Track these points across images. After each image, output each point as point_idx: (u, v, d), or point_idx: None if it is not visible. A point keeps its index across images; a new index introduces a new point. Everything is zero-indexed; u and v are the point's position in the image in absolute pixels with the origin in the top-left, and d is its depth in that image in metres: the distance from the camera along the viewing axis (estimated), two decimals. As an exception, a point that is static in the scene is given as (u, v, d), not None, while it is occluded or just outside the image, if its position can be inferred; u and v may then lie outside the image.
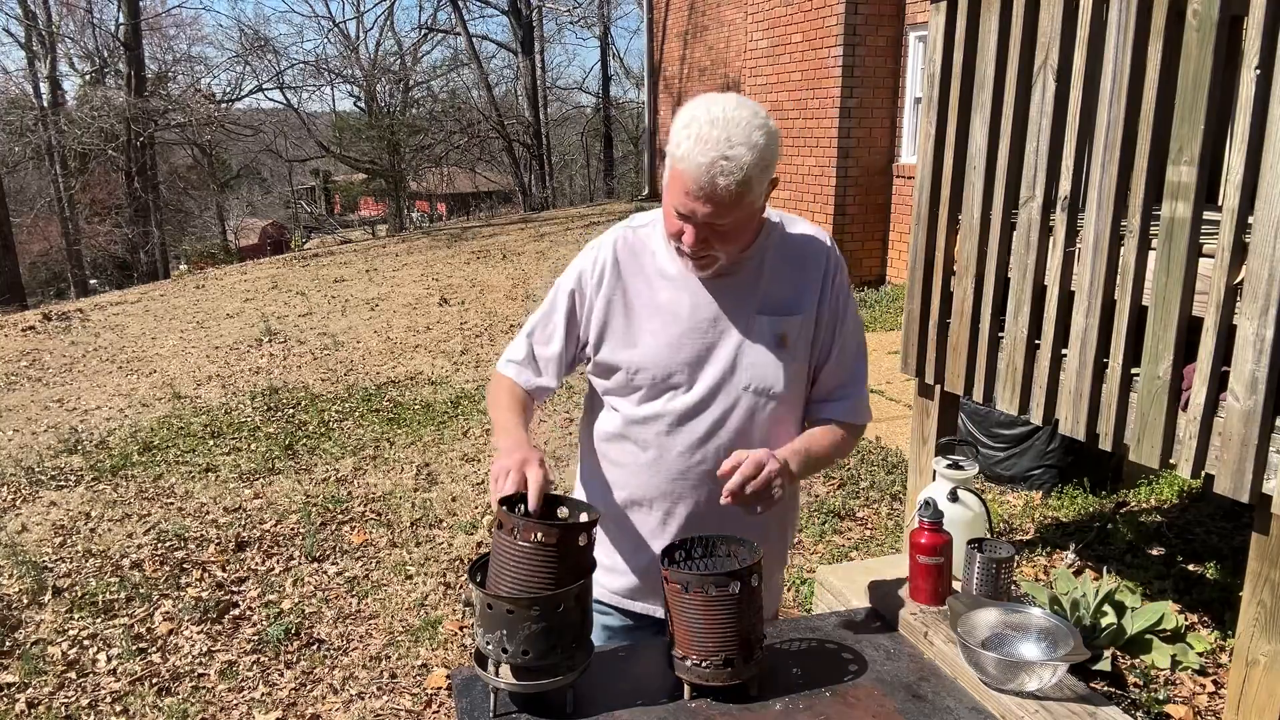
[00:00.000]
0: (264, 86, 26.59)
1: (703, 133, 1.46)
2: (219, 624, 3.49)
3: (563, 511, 1.56)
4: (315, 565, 3.93)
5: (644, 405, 1.68)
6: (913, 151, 8.67)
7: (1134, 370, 2.45)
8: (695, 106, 1.51)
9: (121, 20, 22.86)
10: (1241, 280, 2.13)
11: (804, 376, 1.71)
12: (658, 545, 1.71)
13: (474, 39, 24.62)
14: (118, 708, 3.01)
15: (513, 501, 1.48)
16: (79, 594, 3.67)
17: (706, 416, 1.66)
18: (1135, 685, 2.67)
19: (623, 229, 1.73)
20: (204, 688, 3.11)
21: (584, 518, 1.51)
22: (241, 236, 29.61)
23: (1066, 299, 2.64)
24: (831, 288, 1.69)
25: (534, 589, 1.41)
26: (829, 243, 1.72)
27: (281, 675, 3.18)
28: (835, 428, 1.72)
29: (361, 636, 3.39)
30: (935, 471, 2.23)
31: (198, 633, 3.42)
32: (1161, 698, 2.63)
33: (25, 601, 3.63)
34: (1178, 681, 2.75)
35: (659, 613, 1.78)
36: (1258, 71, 2.05)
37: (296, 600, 3.65)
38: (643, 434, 1.69)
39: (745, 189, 1.48)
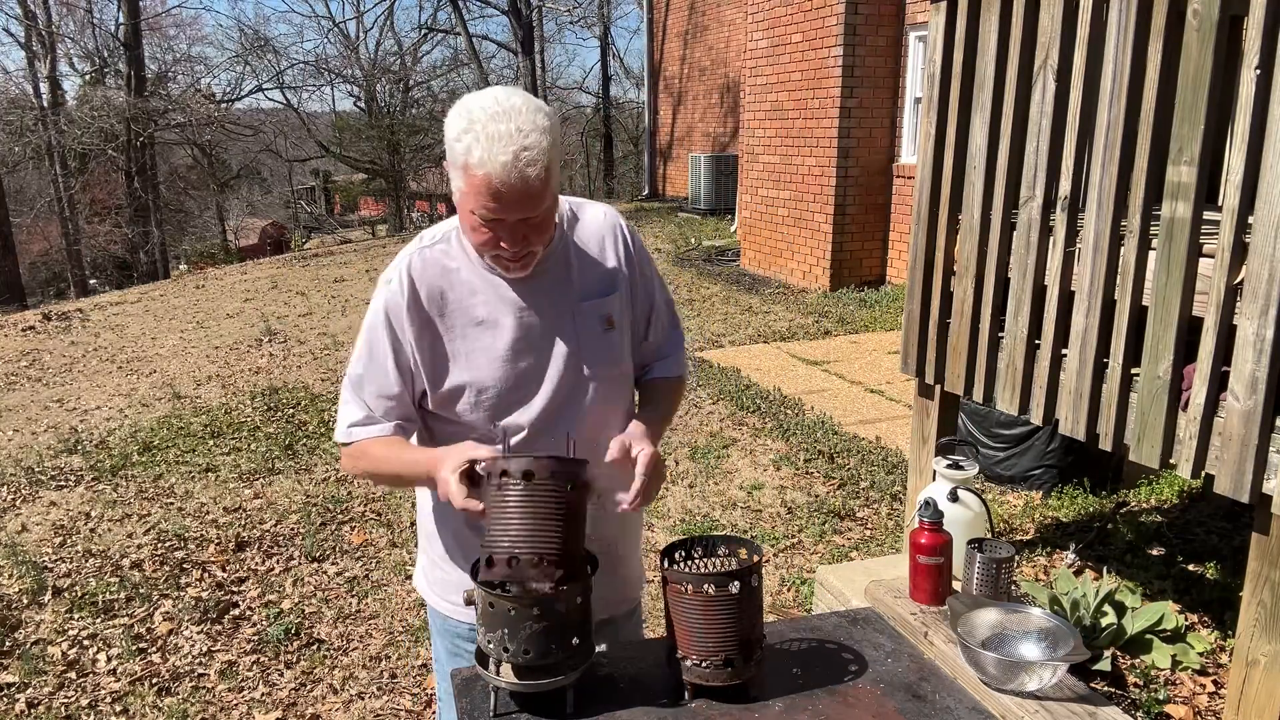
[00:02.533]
0: (264, 86, 26.63)
1: (490, 130, 1.40)
2: (219, 624, 3.49)
3: None
4: (315, 565, 3.93)
5: (497, 426, 1.60)
6: (913, 151, 8.67)
7: (1134, 370, 2.45)
8: (466, 109, 1.44)
9: (121, 20, 22.89)
10: (1241, 280, 2.13)
11: (630, 348, 1.71)
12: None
13: (474, 39, 24.64)
14: (118, 708, 3.01)
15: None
16: (79, 594, 3.67)
17: (564, 417, 1.61)
18: (1135, 685, 2.67)
19: (413, 252, 1.62)
20: (204, 688, 3.11)
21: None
22: (241, 236, 29.60)
23: (1066, 299, 2.64)
24: (632, 257, 1.70)
25: (557, 531, 1.37)
26: (615, 214, 1.72)
27: (281, 675, 3.18)
28: (671, 383, 1.78)
29: (361, 636, 3.39)
30: (935, 471, 2.23)
31: (198, 633, 3.42)
32: (1161, 698, 2.63)
33: (25, 601, 3.63)
34: (1178, 681, 2.75)
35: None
36: (1258, 71, 2.05)
37: (296, 600, 3.65)
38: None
39: (549, 174, 1.44)
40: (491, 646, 1.43)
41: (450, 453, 1.48)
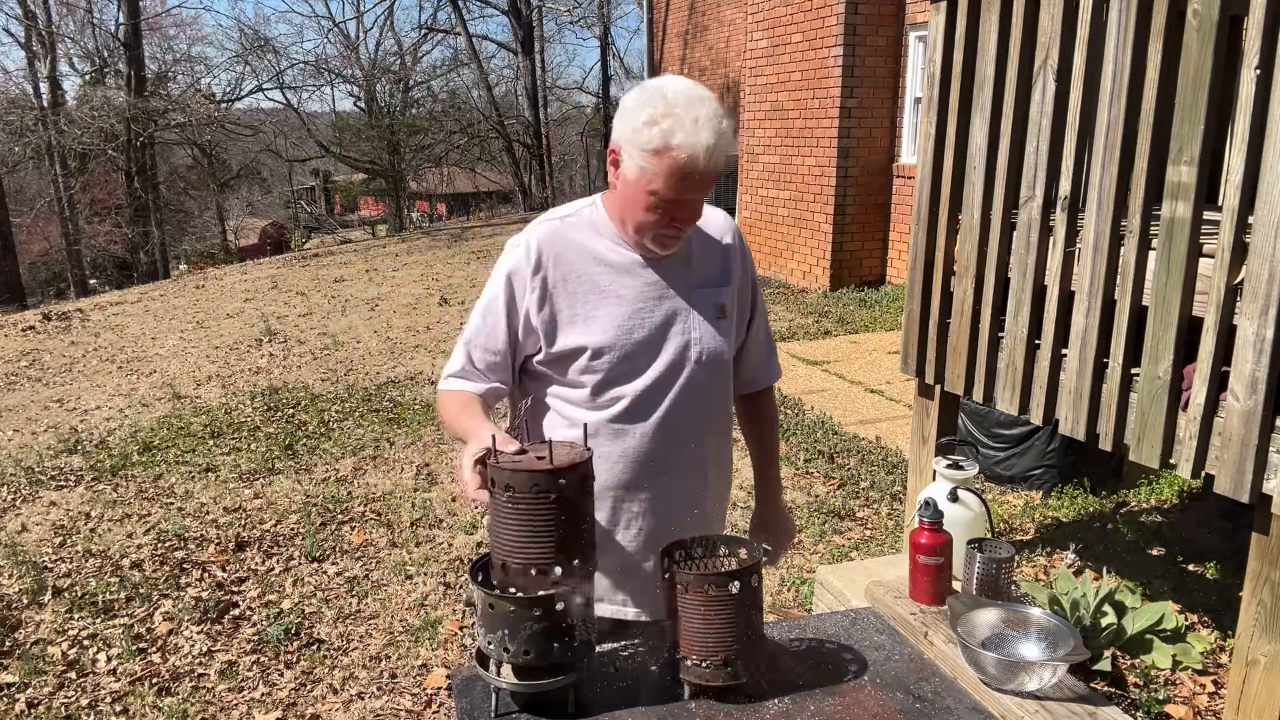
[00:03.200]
0: (264, 86, 26.62)
1: (693, 114, 1.49)
2: (219, 624, 3.49)
3: None
4: (315, 565, 3.93)
5: (601, 394, 1.66)
6: (913, 151, 8.67)
7: (1134, 370, 2.45)
8: (661, 94, 1.52)
9: (121, 20, 22.87)
10: (1241, 280, 2.13)
11: (734, 343, 1.80)
12: (627, 538, 1.71)
13: (474, 39, 24.63)
14: (118, 708, 3.01)
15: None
16: (79, 594, 3.67)
17: (666, 396, 1.67)
18: (1135, 685, 2.67)
19: (546, 222, 1.71)
20: (204, 688, 3.11)
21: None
22: (241, 236, 29.60)
23: (1066, 299, 2.64)
24: (744, 256, 1.80)
25: (544, 542, 1.38)
26: (732, 219, 1.83)
27: (281, 675, 3.17)
28: (768, 399, 1.93)
29: (361, 636, 3.39)
30: (935, 471, 2.23)
31: (198, 633, 3.42)
32: (1161, 698, 2.63)
33: (25, 601, 3.63)
34: (1178, 681, 2.75)
35: (629, 614, 1.76)
36: (1258, 71, 2.05)
37: (296, 600, 3.65)
38: (602, 426, 1.67)
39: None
40: (492, 647, 1.43)
41: (473, 438, 1.50)
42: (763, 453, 1.94)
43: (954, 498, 2.15)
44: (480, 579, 1.47)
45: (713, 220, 1.78)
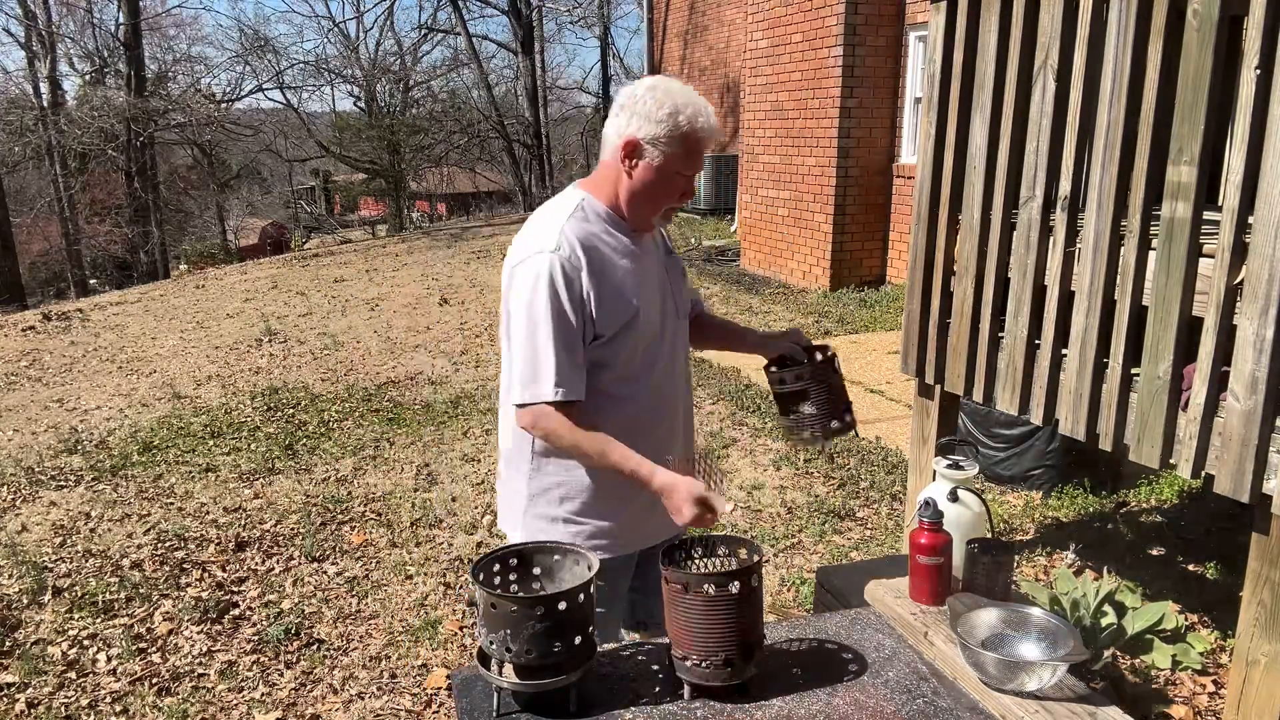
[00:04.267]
0: (264, 86, 26.61)
1: (699, 103, 1.80)
2: (219, 624, 3.49)
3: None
4: (315, 565, 3.93)
5: (640, 360, 1.90)
6: (913, 151, 8.67)
7: (1134, 370, 2.45)
8: (669, 93, 1.80)
9: (121, 20, 22.87)
10: (1241, 280, 2.14)
11: None
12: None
13: (474, 39, 24.62)
14: (118, 708, 3.01)
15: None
16: (79, 594, 3.67)
17: (678, 350, 2.02)
18: (1135, 685, 2.67)
19: (562, 222, 1.84)
20: (204, 688, 3.11)
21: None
22: (241, 236, 29.59)
23: (1066, 299, 2.64)
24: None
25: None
26: None
27: (281, 675, 3.18)
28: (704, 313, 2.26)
29: (361, 636, 3.39)
30: (935, 471, 2.23)
31: (198, 633, 3.42)
32: (1161, 698, 2.63)
33: (25, 601, 3.63)
34: (1178, 681, 2.75)
35: (634, 547, 1.99)
36: (1258, 71, 2.05)
37: (296, 600, 3.65)
38: (636, 391, 1.91)
39: None
40: (494, 647, 1.44)
41: (681, 483, 1.74)
42: (727, 322, 2.34)
43: (954, 498, 2.15)
44: (481, 578, 1.47)
45: None
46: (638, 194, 1.85)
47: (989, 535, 2.11)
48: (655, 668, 1.62)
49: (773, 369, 2.11)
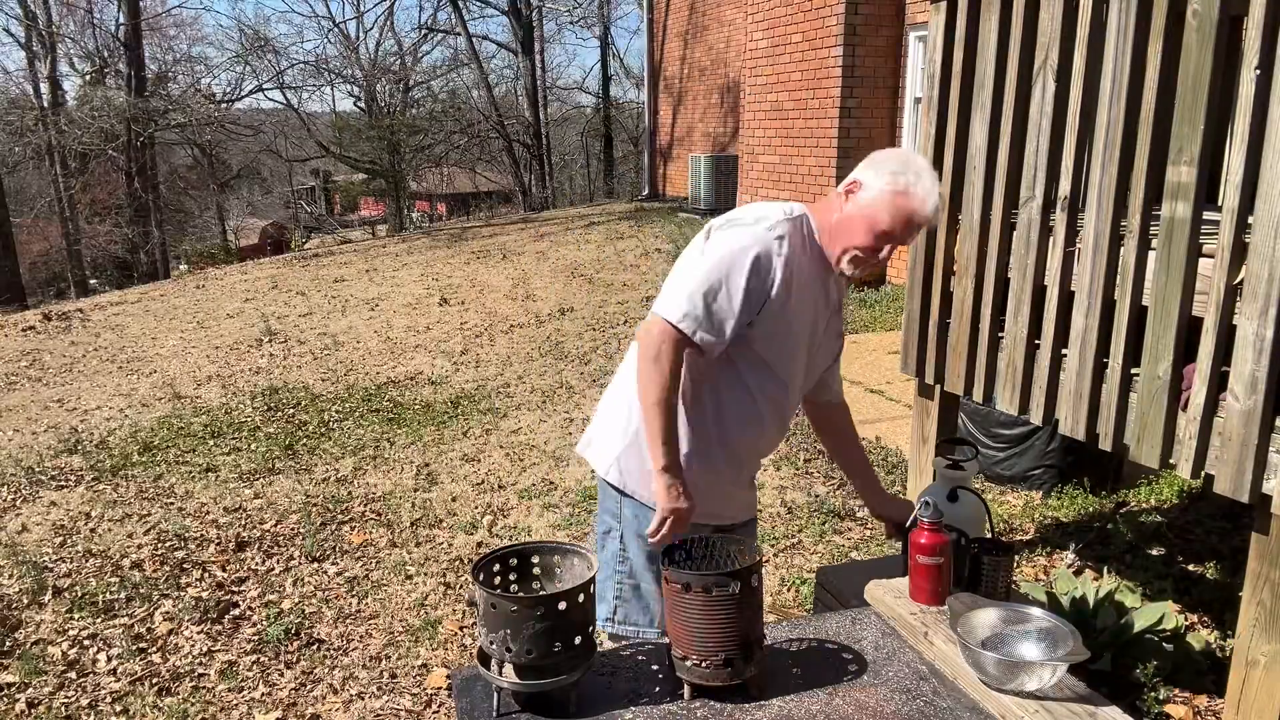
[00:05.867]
0: (264, 86, 26.60)
1: (928, 182, 1.88)
2: (219, 624, 3.49)
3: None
4: (315, 565, 3.93)
5: (778, 372, 1.98)
6: (913, 151, 8.65)
7: (1134, 370, 2.45)
8: (907, 161, 1.92)
9: (121, 20, 22.87)
10: (1241, 280, 2.14)
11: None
12: (748, 470, 2.13)
13: (474, 39, 24.63)
14: (118, 708, 3.01)
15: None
16: (79, 594, 3.67)
17: (800, 390, 2.09)
18: (1135, 685, 2.67)
19: (787, 223, 1.94)
20: (204, 688, 3.11)
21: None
22: (242, 236, 29.57)
23: (1066, 299, 2.64)
24: (842, 295, 2.15)
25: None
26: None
27: (281, 675, 3.18)
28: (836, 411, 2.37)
29: (361, 636, 3.39)
30: (935, 471, 2.23)
31: (198, 633, 3.42)
32: (1161, 698, 2.63)
33: (25, 601, 3.63)
34: (1178, 681, 2.75)
35: (715, 522, 2.07)
36: (1258, 71, 2.05)
37: (296, 600, 3.65)
38: (768, 397, 2.00)
39: None
40: (494, 647, 1.44)
41: (685, 501, 1.84)
42: (857, 449, 2.38)
43: (954, 498, 2.15)
44: (481, 578, 1.47)
45: None
46: (840, 228, 1.93)
47: (989, 535, 2.11)
48: (655, 668, 1.62)
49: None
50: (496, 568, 1.58)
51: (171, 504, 4.58)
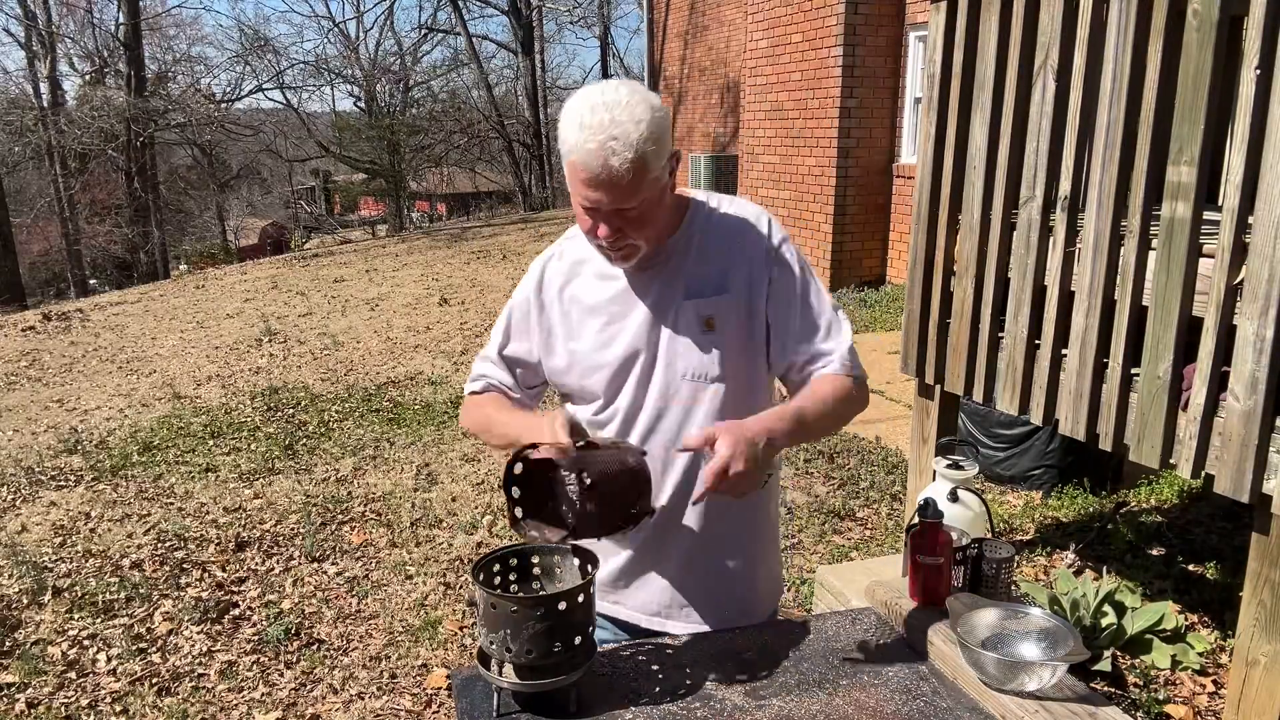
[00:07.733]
0: (264, 86, 26.65)
1: (586, 120, 1.44)
2: (219, 624, 3.49)
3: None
4: (315, 565, 3.93)
5: (593, 408, 1.69)
6: (913, 151, 8.67)
7: (1134, 370, 2.45)
8: (576, 99, 1.50)
9: (121, 20, 22.88)
10: (1241, 280, 2.14)
11: (751, 358, 1.65)
12: (630, 548, 1.73)
13: (474, 39, 24.66)
14: (118, 708, 3.01)
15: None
16: (79, 594, 3.67)
17: (649, 411, 1.64)
18: (1135, 685, 2.67)
19: (560, 242, 1.75)
20: (204, 688, 3.11)
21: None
22: (241, 236, 29.60)
23: (1066, 299, 2.64)
24: (768, 260, 1.62)
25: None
26: (765, 217, 1.66)
27: (281, 675, 3.18)
28: (826, 379, 1.62)
29: (361, 636, 3.39)
30: (935, 471, 2.23)
31: (198, 633, 3.42)
32: (1161, 698, 2.63)
33: (25, 601, 3.63)
34: (1178, 681, 2.75)
35: (620, 616, 1.80)
36: (1258, 71, 2.05)
37: (296, 600, 3.65)
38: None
39: (641, 166, 1.45)
40: (494, 647, 1.43)
41: (534, 422, 1.55)
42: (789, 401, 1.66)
43: (954, 498, 2.15)
44: (481, 578, 1.47)
45: (724, 224, 1.65)
46: None
47: (989, 535, 2.11)
48: (655, 668, 1.62)
49: None
50: (496, 568, 1.58)
51: (171, 504, 4.58)
